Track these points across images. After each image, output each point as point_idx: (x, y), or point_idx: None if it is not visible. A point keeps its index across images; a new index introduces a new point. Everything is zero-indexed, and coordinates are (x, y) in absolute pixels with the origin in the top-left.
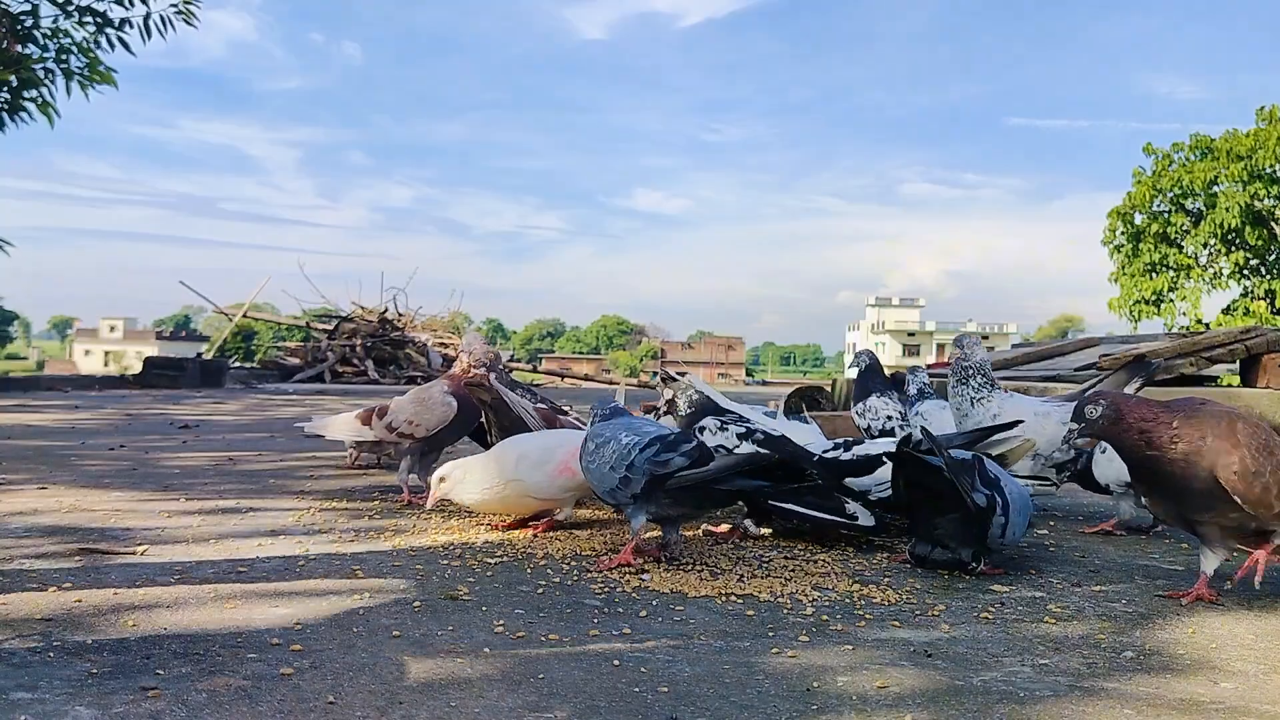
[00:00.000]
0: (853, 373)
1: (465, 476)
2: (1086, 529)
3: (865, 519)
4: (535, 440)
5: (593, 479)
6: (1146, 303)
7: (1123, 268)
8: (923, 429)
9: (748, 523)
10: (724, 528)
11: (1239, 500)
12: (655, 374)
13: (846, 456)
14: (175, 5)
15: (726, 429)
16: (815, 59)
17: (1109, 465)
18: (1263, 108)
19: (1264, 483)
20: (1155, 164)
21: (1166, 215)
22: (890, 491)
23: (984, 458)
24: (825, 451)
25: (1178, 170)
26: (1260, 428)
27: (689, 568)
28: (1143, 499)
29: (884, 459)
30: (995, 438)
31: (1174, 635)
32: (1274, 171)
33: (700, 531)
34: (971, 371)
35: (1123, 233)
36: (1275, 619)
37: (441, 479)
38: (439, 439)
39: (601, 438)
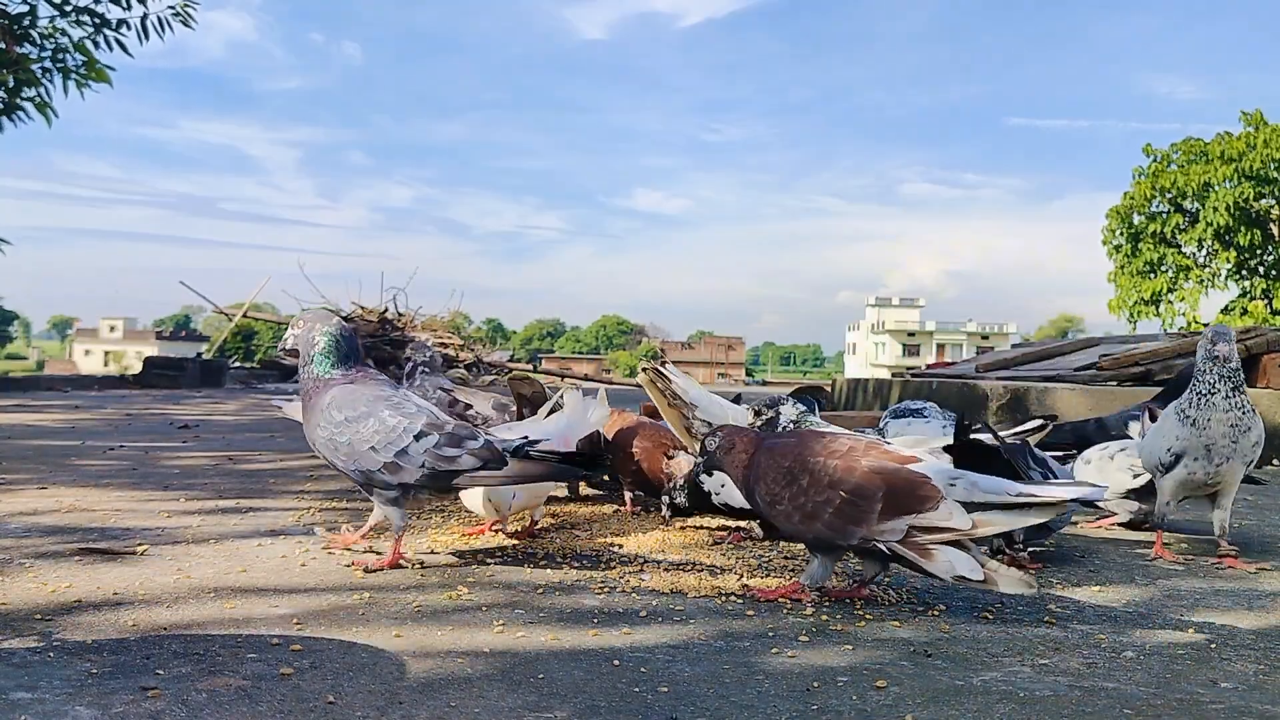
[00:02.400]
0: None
1: None
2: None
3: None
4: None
5: (335, 453)
6: (1145, 303)
7: (1121, 268)
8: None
9: (755, 528)
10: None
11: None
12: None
13: None
14: (173, 7)
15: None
16: (815, 59)
17: (1095, 475)
18: (1246, 112)
19: (784, 511)
20: (1153, 165)
21: (1164, 215)
22: None
23: (1028, 442)
24: None
25: (1174, 171)
26: (792, 454)
27: (689, 568)
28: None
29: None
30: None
31: (1174, 635)
32: (1265, 172)
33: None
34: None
35: (1121, 232)
36: (1275, 619)
37: None
38: None
39: (354, 410)
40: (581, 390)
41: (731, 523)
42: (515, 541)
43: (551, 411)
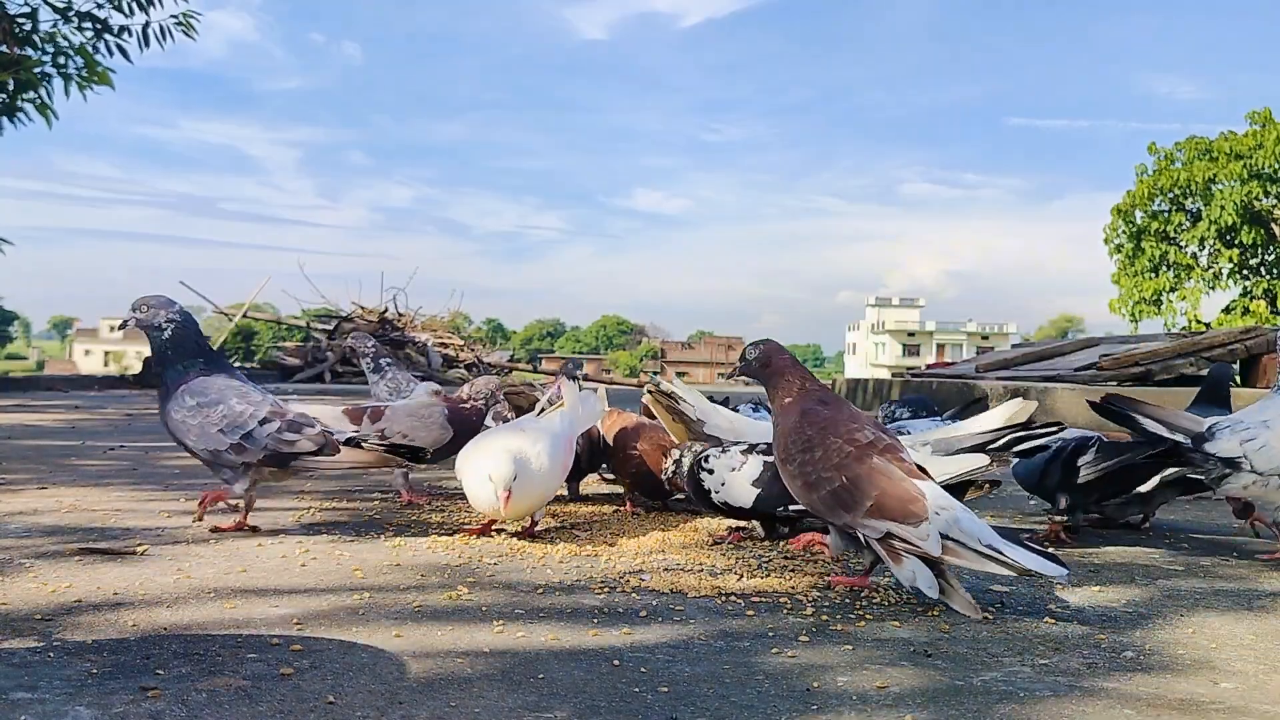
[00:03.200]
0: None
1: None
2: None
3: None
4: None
5: (188, 435)
6: (1147, 302)
7: (1124, 268)
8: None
9: (756, 527)
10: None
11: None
12: (654, 374)
13: None
14: (175, 16)
15: None
16: (815, 59)
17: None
18: (1256, 111)
19: (790, 471)
20: (1158, 162)
21: (1167, 214)
22: None
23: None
24: None
25: (1178, 170)
26: (818, 426)
27: (689, 568)
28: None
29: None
30: None
31: (1174, 635)
32: (1273, 172)
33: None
34: None
35: (1124, 230)
36: (1275, 619)
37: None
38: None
39: (206, 397)
40: (578, 381)
41: (731, 522)
42: (515, 542)
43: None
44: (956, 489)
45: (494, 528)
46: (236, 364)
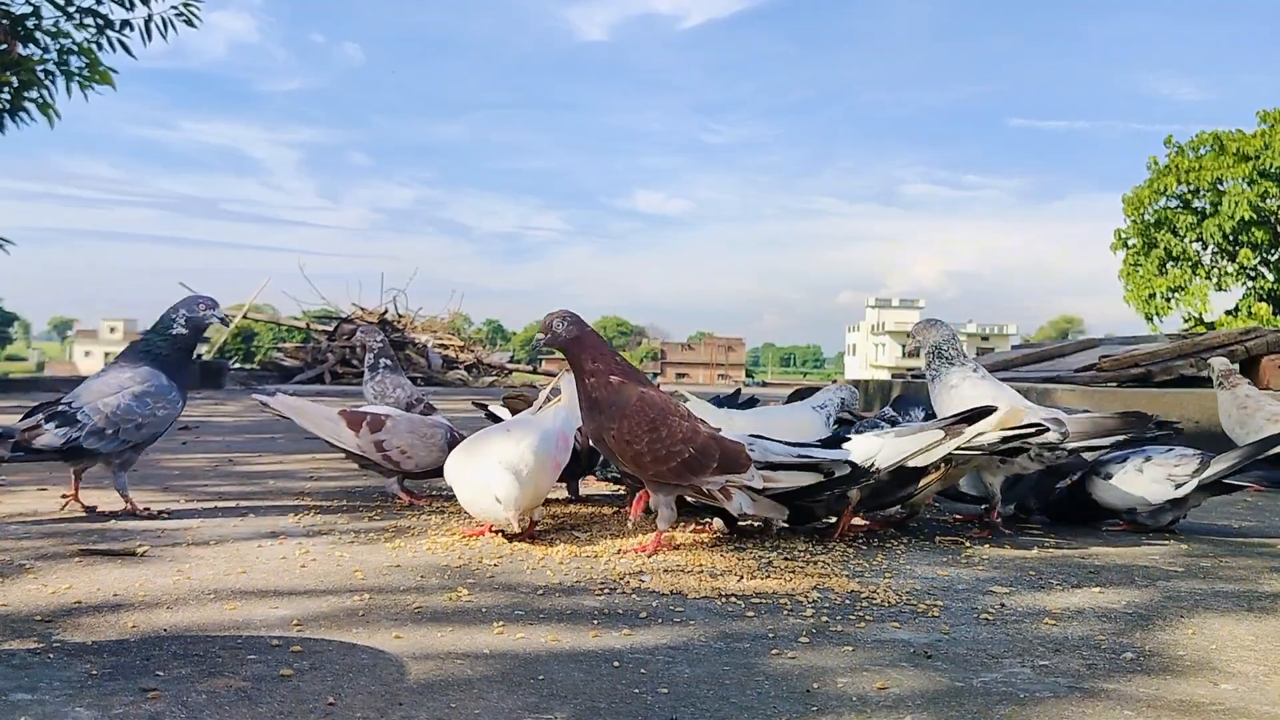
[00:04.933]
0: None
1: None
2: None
3: (842, 470)
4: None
5: None
6: (1162, 297)
7: (1134, 264)
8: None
9: (716, 521)
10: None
11: (617, 456)
12: (654, 375)
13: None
14: (176, 7)
15: None
16: (816, 59)
17: (1112, 489)
18: (1264, 110)
19: (636, 450)
20: (1170, 157)
21: (1176, 209)
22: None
23: None
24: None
25: (1189, 163)
26: (657, 408)
27: (689, 569)
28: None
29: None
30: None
31: (1174, 636)
32: None
33: (691, 532)
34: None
35: (1133, 226)
36: (1275, 620)
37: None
38: (419, 474)
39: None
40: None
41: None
42: (515, 543)
43: (550, 398)
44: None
45: (493, 529)
46: (236, 365)
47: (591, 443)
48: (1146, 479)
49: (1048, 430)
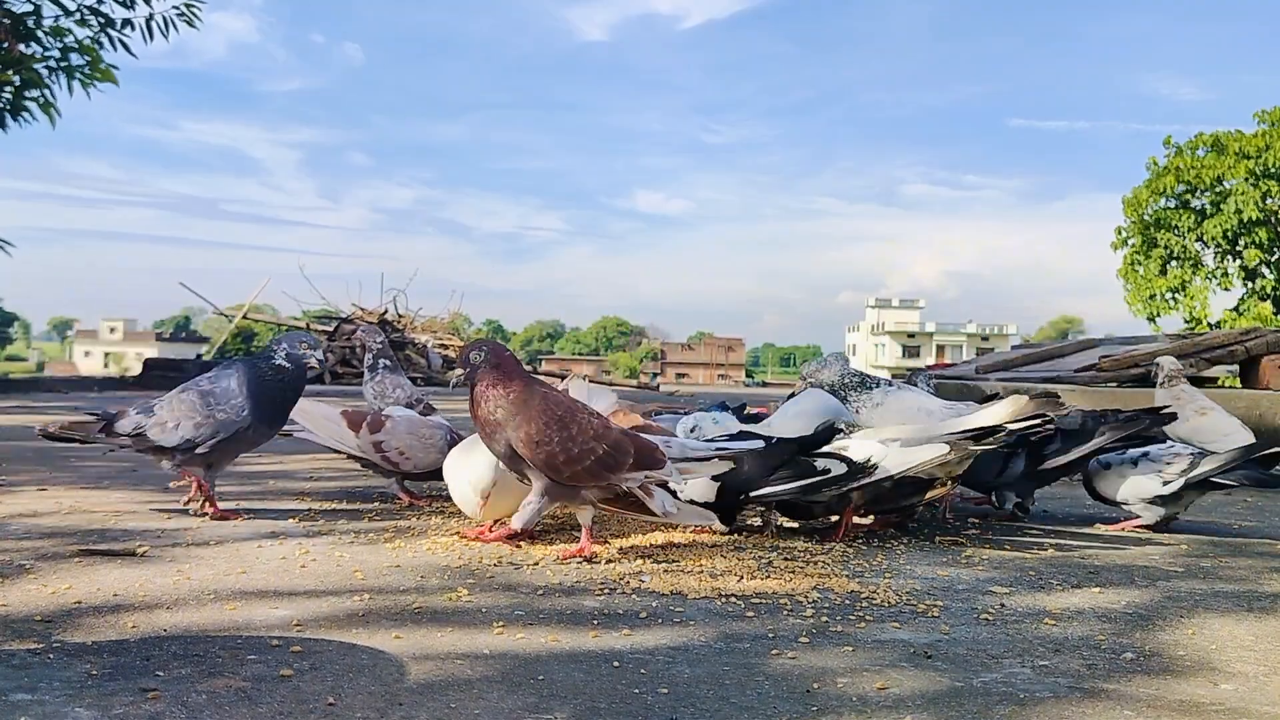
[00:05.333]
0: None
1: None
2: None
3: (838, 469)
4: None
5: None
6: (1163, 298)
7: (1134, 264)
8: None
9: (716, 522)
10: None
11: (528, 460)
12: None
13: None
14: (177, 7)
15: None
16: (816, 59)
17: (1109, 480)
18: (1262, 111)
19: (549, 450)
20: (1170, 158)
21: (1175, 209)
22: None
23: None
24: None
25: (1189, 163)
26: (564, 406)
27: (689, 569)
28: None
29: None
30: None
31: (1174, 637)
32: None
33: (691, 533)
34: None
35: (1133, 226)
36: (1275, 620)
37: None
38: (418, 475)
39: None
40: (586, 379)
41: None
42: (515, 543)
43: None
44: (923, 485)
45: (492, 529)
46: None
47: (505, 465)
48: (1139, 473)
49: (1051, 420)
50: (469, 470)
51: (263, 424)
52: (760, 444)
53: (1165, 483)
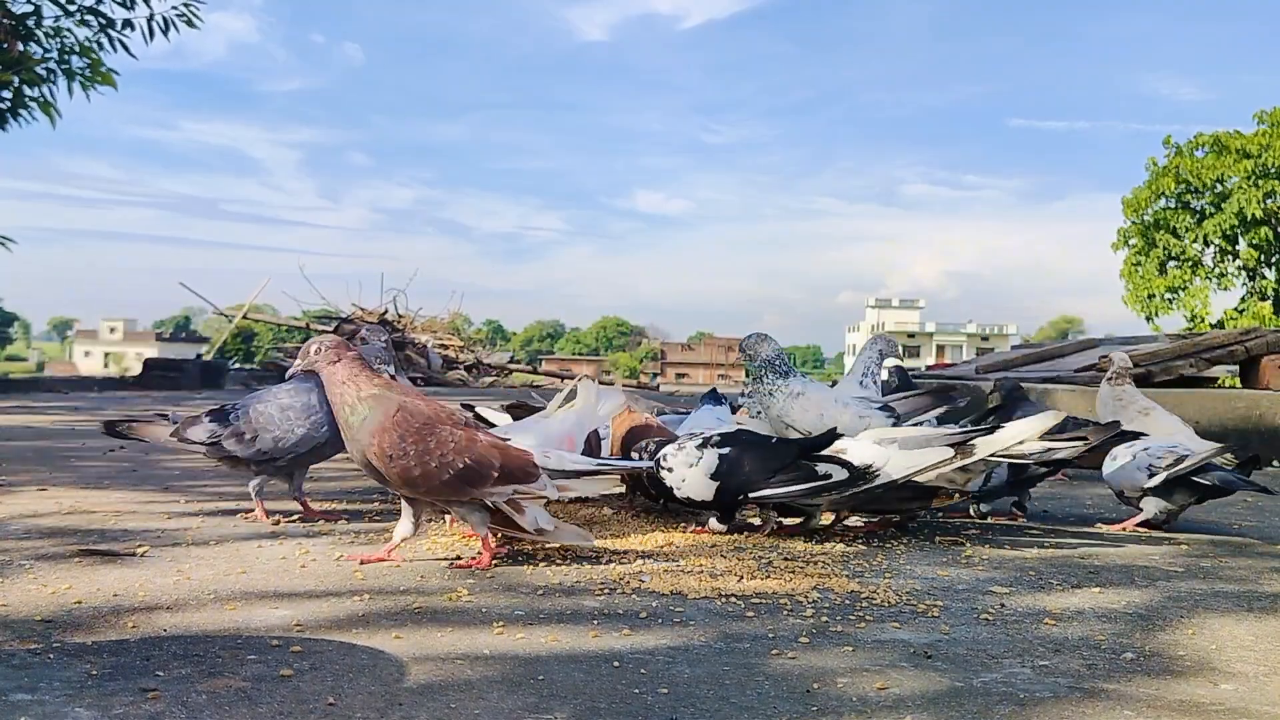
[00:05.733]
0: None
1: None
2: (1106, 528)
3: (840, 474)
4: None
5: None
6: (1162, 297)
7: (1135, 264)
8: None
9: (712, 522)
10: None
11: (382, 472)
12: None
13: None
14: (177, 7)
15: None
16: (816, 59)
17: (1109, 466)
18: (1262, 111)
19: (404, 464)
20: (1170, 158)
21: (1175, 209)
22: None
23: None
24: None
25: (1189, 163)
26: (423, 417)
27: (689, 569)
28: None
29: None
30: None
31: (1174, 637)
32: None
33: (691, 532)
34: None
35: (1133, 226)
36: (1275, 621)
37: None
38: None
39: None
40: (597, 381)
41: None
42: (515, 544)
43: (566, 401)
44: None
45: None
46: (236, 365)
47: (361, 469)
48: (1132, 465)
49: (1084, 437)
50: None
51: (339, 439)
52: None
53: (1151, 475)
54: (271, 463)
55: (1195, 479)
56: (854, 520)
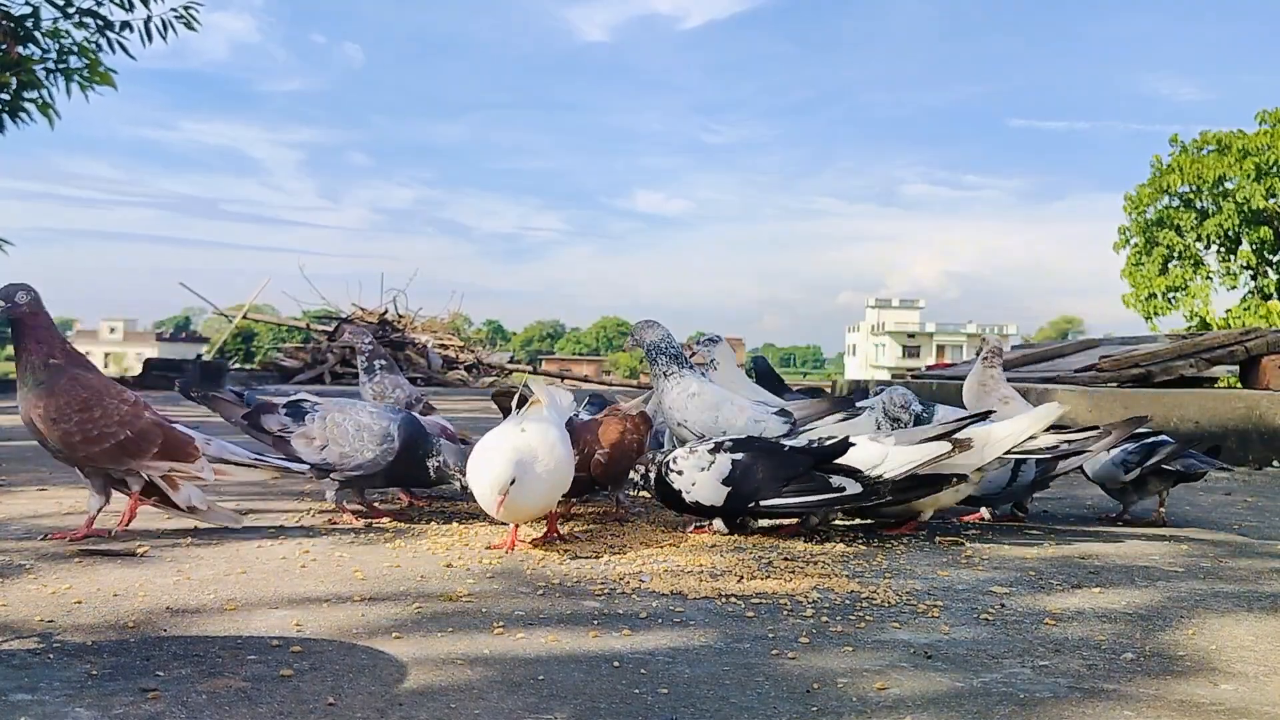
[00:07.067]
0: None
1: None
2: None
3: (853, 488)
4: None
5: None
6: (1162, 297)
7: (1136, 263)
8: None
9: (716, 522)
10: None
11: (45, 437)
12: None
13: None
14: (176, 9)
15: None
16: (816, 59)
17: (1101, 467)
18: (1264, 111)
19: (65, 429)
20: (1174, 157)
21: (1177, 208)
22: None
23: None
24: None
25: (1193, 161)
26: (92, 389)
27: (689, 569)
28: None
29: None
30: None
31: (1173, 636)
32: None
33: (691, 531)
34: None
35: (1135, 220)
36: (1275, 621)
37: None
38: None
39: None
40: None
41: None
42: (515, 544)
43: (520, 404)
44: (927, 482)
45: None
46: (236, 365)
47: (24, 425)
48: (1113, 458)
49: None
50: (487, 467)
51: (400, 469)
52: None
53: (1127, 470)
54: (327, 473)
55: (1165, 467)
56: (852, 521)
